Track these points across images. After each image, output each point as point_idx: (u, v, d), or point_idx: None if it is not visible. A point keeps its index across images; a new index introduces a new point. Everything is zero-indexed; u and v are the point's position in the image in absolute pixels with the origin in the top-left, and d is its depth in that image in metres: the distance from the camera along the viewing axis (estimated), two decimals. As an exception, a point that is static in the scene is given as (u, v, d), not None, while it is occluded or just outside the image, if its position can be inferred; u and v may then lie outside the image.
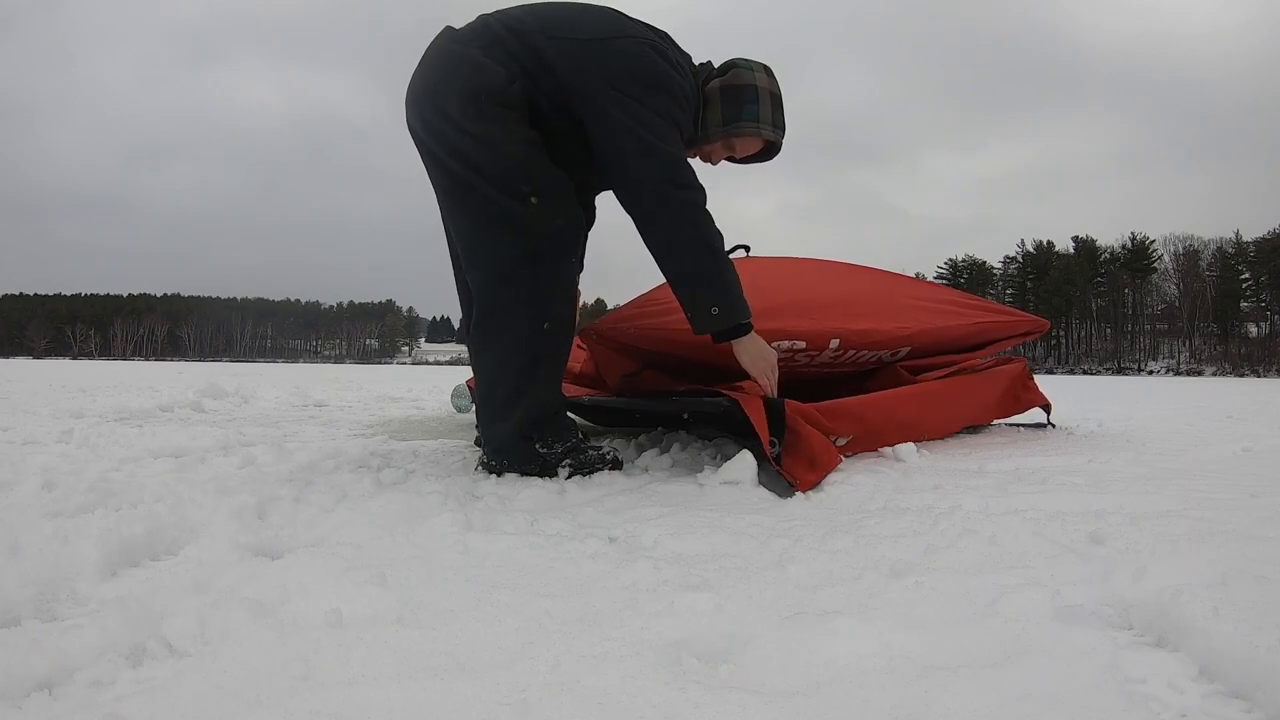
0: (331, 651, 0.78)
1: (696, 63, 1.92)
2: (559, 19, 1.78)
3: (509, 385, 1.82)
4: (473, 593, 0.98)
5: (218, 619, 0.86)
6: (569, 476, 1.85)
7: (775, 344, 2.24)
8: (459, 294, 2.05)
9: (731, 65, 1.91)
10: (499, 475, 1.87)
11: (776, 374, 1.91)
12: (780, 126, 1.94)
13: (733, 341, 1.83)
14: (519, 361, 1.81)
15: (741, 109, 1.86)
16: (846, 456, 2.18)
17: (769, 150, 1.98)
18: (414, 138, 1.88)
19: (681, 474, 1.96)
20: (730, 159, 1.99)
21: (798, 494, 1.70)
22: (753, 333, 1.84)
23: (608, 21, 1.78)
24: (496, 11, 1.85)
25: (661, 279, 1.87)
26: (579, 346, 2.47)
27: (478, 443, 2.40)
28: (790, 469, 1.79)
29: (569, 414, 2.00)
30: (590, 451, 1.91)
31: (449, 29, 1.86)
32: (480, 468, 1.96)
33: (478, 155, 1.73)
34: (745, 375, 2.03)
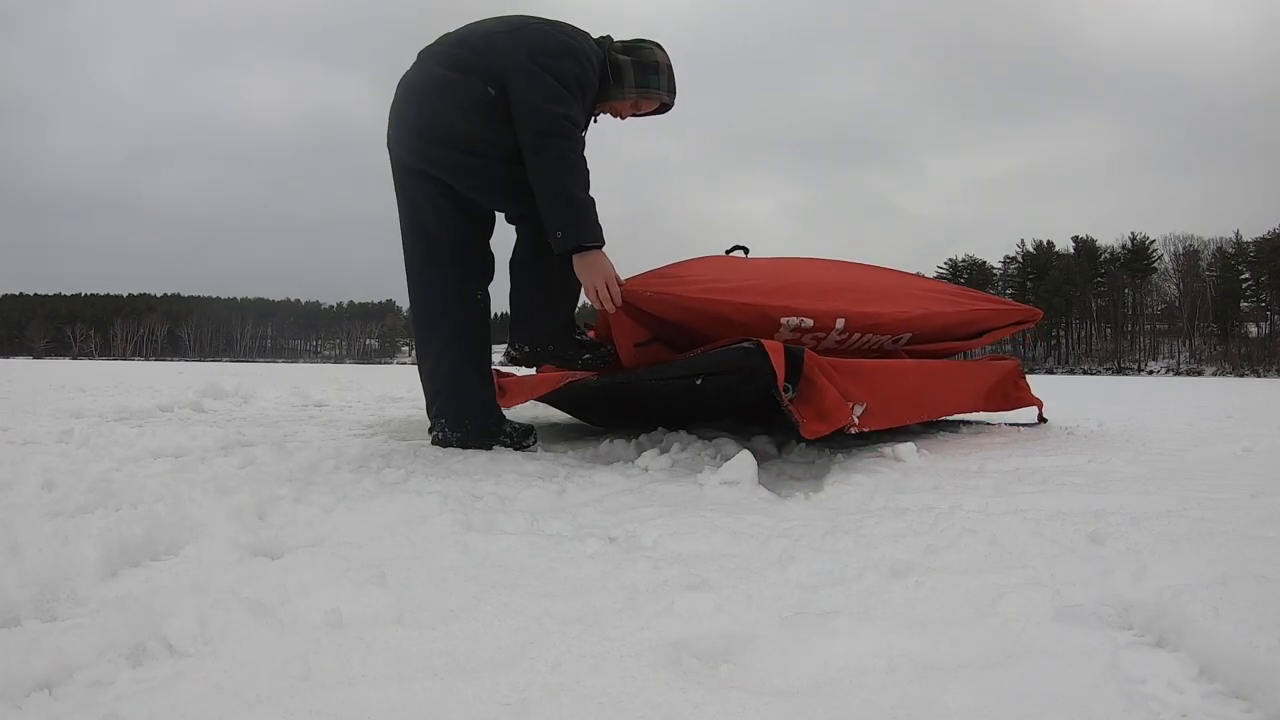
0: (331, 651, 0.78)
1: (595, 36, 2.42)
2: (484, 24, 2.31)
3: (446, 362, 2.38)
4: (473, 593, 0.98)
5: (218, 619, 0.86)
6: (518, 449, 2.32)
7: (784, 320, 2.30)
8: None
9: (638, 45, 2.45)
10: (461, 446, 2.32)
11: (617, 290, 2.16)
12: (673, 92, 2.48)
13: (574, 257, 2.15)
14: (447, 340, 2.37)
15: (649, 78, 2.42)
16: (862, 431, 2.19)
17: (662, 109, 2.52)
18: (400, 163, 2.35)
19: (681, 474, 1.96)
20: (635, 114, 2.51)
21: (797, 494, 1.70)
22: (595, 252, 2.14)
23: (518, 16, 2.31)
24: (434, 42, 2.34)
25: (676, 259, 2.42)
26: (587, 325, 2.63)
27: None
28: (800, 411, 1.83)
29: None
30: (528, 434, 2.44)
31: (411, 71, 2.33)
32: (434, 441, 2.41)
33: (481, 174, 2.22)
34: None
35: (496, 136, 2.19)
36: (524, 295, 2.41)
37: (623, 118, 2.50)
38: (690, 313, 2.27)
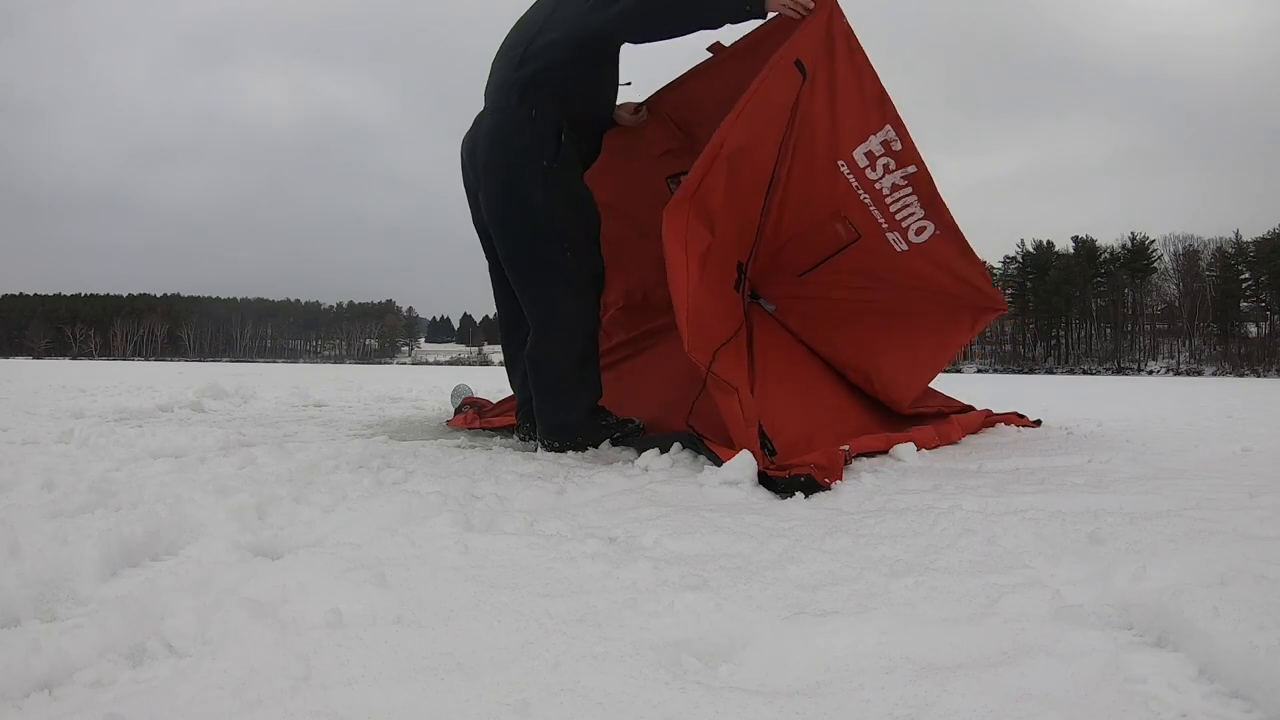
0: (331, 651, 0.78)
1: None
2: (523, 28, 2.49)
3: (571, 379, 2.43)
4: (472, 593, 0.98)
5: (218, 619, 0.86)
6: (615, 444, 2.43)
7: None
8: (500, 317, 2.75)
9: None
10: (561, 451, 2.40)
11: None
12: None
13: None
14: (575, 362, 2.43)
15: None
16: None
17: None
18: (474, 190, 2.51)
19: (681, 474, 1.96)
20: None
21: (798, 494, 1.70)
22: None
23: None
24: (491, 73, 2.53)
25: None
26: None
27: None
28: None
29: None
30: (630, 425, 2.49)
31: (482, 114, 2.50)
32: (542, 448, 2.46)
33: (539, 215, 2.35)
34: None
35: (545, 202, 2.34)
36: (539, 389, 2.47)
37: None
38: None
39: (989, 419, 3.13)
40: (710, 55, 2.51)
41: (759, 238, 2.48)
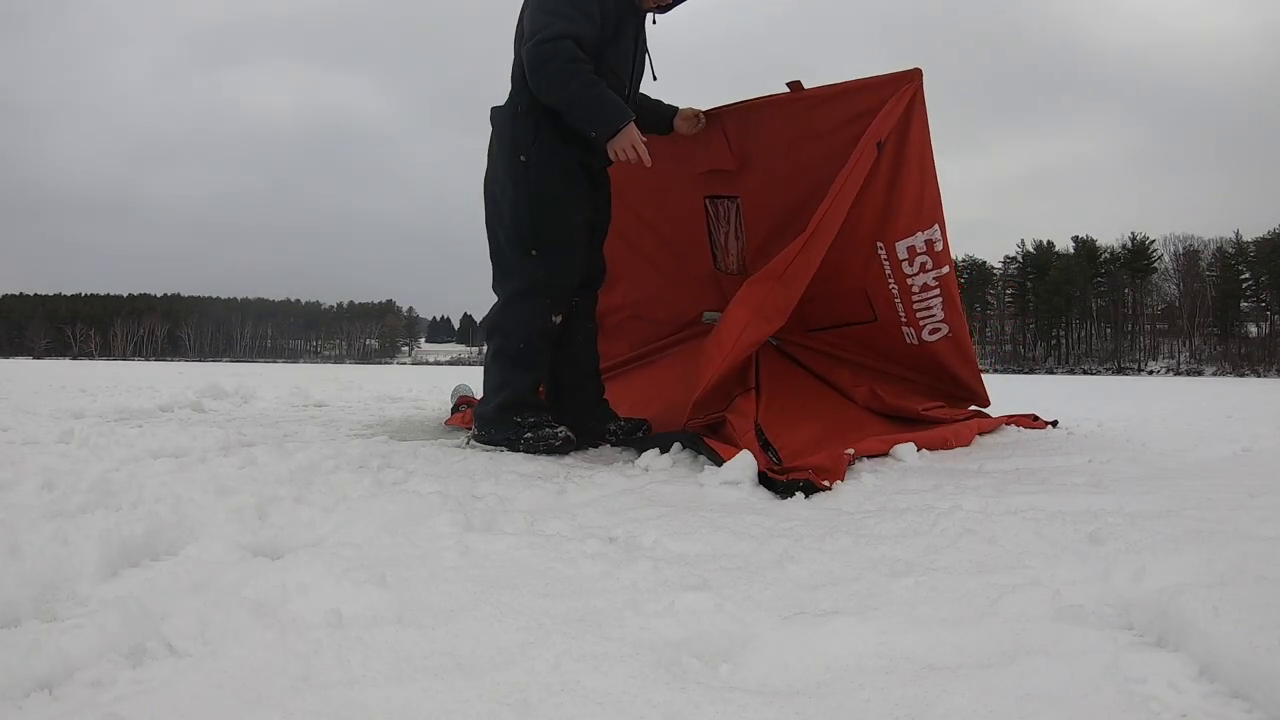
0: (331, 651, 0.78)
1: None
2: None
3: (495, 380, 2.51)
4: (473, 593, 0.98)
5: (218, 619, 0.86)
6: (525, 448, 2.38)
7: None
8: None
9: None
10: (486, 445, 2.44)
11: (644, 149, 2.31)
12: None
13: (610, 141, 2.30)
14: (506, 361, 2.49)
15: None
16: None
17: None
18: None
19: (681, 474, 1.96)
20: (660, 7, 2.53)
21: (798, 494, 1.70)
22: (623, 130, 2.29)
23: None
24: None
25: None
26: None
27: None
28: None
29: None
30: (546, 430, 2.42)
31: None
32: (470, 441, 2.54)
33: (502, 206, 2.45)
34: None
35: (514, 197, 2.40)
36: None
37: (647, 8, 2.51)
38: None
39: (1007, 422, 3.14)
40: (788, 90, 2.50)
41: None
